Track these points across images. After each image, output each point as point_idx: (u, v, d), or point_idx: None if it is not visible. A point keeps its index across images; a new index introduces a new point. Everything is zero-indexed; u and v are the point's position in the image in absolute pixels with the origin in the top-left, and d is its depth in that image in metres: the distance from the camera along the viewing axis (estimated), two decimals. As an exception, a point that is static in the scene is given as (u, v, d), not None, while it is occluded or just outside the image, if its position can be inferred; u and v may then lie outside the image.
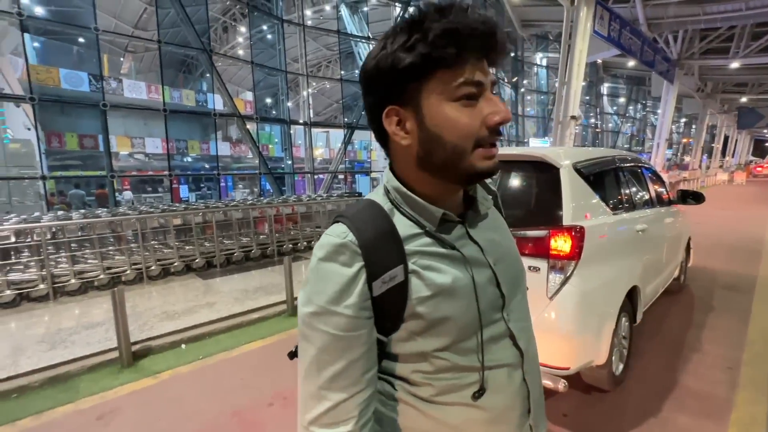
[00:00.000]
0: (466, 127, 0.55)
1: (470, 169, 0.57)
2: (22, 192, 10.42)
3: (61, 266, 4.69)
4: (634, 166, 3.18)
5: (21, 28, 8.48)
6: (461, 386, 0.61)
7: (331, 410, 0.55)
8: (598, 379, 2.32)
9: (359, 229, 0.57)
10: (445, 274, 0.59)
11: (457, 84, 0.54)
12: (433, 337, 0.58)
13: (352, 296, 0.54)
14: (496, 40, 0.54)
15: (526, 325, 0.70)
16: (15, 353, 3.09)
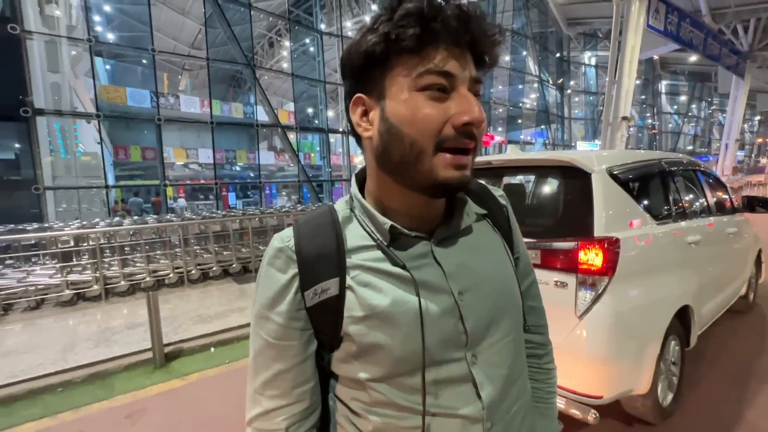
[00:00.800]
0: (427, 119, 0.47)
1: (430, 175, 0.48)
2: (90, 200, 11.51)
3: (112, 269, 5.06)
4: (688, 170, 2.85)
5: (91, 53, 9.46)
6: (397, 428, 0.52)
7: (263, 415, 0.54)
8: (640, 410, 2.05)
9: (300, 236, 0.54)
10: (384, 295, 0.51)
11: (422, 71, 0.47)
12: (367, 364, 0.51)
13: (283, 303, 0.52)
14: (474, 27, 0.47)
15: (506, 373, 0.56)
16: (65, 349, 3.35)
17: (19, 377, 2.86)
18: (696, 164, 3.02)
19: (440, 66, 0.47)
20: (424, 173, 0.48)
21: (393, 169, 0.51)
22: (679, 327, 2.24)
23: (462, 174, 0.49)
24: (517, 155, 2.29)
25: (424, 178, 0.49)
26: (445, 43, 0.47)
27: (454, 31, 0.46)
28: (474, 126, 0.47)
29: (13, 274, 4.81)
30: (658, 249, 2.08)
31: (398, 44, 0.46)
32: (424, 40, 0.46)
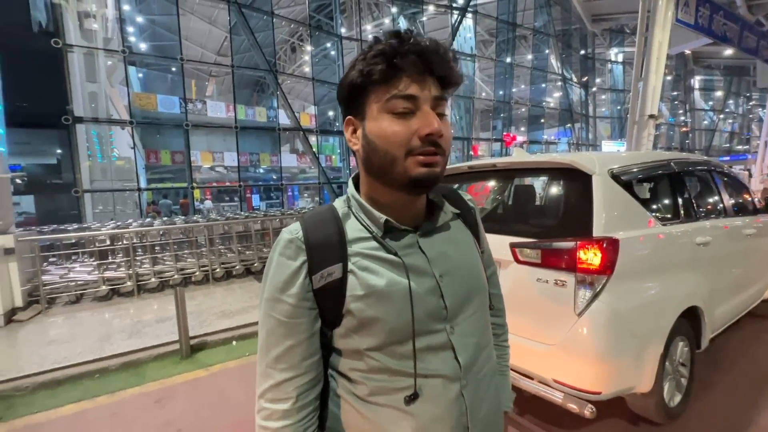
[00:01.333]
0: (395, 135, 0.59)
1: (404, 174, 0.60)
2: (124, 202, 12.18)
3: (144, 266, 5.39)
4: (701, 170, 2.82)
5: (125, 63, 10.03)
6: (393, 389, 0.62)
7: (274, 388, 0.63)
8: (644, 408, 2.07)
9: (308, 229, 0.64)
10: (380, 277, 0.62)
11: (389, 97, 0.59)
12: (365, 336, 0.62)
13: (294, 287, 0.62)
14: (431, 58, 0.59)
15: (476, 341, 0.69)
16: (102, 340, 3.63)
17: (62, 364, 3.14)
18: (713, 164, 2.97)
19: (403, 91, 0.59)
20: (400, 174, 0.60)
21: (376, 173, 0.63)
22: (687, 328, 2.23)
23: (430, 170, 0.60)
24: (521, 157, 2.35)
25: (400, 178, 0.61)
26: (408, 73, 0.59)
27: (413, 63, 0.59)
28: (434, 136, 0.59)
29: (56, 270, 5.21)
30: (661, 250, 2.09)
31: (370, 78, 0.59)
32: (390, 73, 0.59)
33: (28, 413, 2.61)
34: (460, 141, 17.21)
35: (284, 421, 0.62)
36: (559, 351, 1.87)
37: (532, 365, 1.99)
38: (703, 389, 2.46)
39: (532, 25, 18.57)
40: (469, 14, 16.05)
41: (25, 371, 3.02)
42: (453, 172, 2.75)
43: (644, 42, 9.98)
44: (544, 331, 1.94)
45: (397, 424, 0.62)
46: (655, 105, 10.14)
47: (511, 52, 17.97)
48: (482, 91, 20.60)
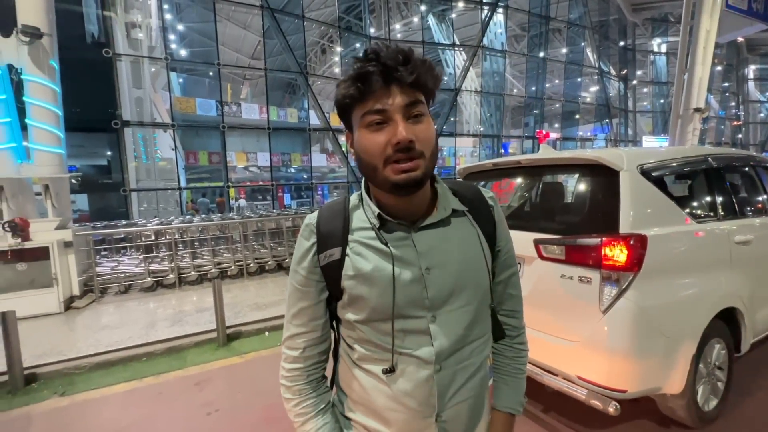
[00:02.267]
0: (372, 148, 0.66)
1: (386, 180, 0.67)
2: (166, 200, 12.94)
3: (185, 260, 5.74)
4: (744, 166, 2.68)
5: (167, 69, 10.65)
6: (374, 359, 0.73)
7: (289, 338, 0.80)
8: (674, 410, 2.02)
9: (320, 216, 0.78)
10: (368, 262, 0.71)
11: (362, 114, 0.67)
12: (354, 311, 0.73)
13: (306, 262, 0.76)
14: (392, 72, 0.64)
15: (461, 333, 0.72)
16: (147, 327, 3.93)
17: (114, 347, 3.43)
18: (757, 160, 2.81)
19: (373, 107, 0.65)
20: (382, 180, 0.68)
21: (368, 178, 0.72)
22: (724, 330, 2.15)
23: (408, 176, 0.65)
24: (546, 154, 2.34)
25: (383, 183, 0.68)
26: (374, 90, 0.65)
27: (376, 80, 0.64)
28: (401, 144, 0.63)
29: (107, 263, 5.66)
30: (695, 248, 2.03)
31: (346, 100, 0.68)
32: (359, 93, 0.66)
33: (86, 389, 2.89)
34: (490, 138, 16.92)
35: (294, 364, 0.79)
36: (583, 348, 1.87)
37: (556, 362, 1.99)
38: (742, 395, 2.35)
39: (566, 17, 17.92)
40: (500, 9, 15.73)
41: (83, 353, 3.34)
42: (478, 169, 2.77)
43: (689, 31, 9.40)
44: (569, 327, 1.94)
45: (376, 389, 0.73)
46: (702, 97, 9.53)
47: (544, 47, 17.43)
48: (513, 88, 20.09)
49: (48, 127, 4.72)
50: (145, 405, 2.66)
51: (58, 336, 3.80)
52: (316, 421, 0.78)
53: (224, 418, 2.45)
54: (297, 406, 0.79)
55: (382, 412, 0.73)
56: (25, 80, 4.59)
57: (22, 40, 4.44)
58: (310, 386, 0.80)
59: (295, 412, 0.79)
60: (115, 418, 2.51)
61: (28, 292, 4.40)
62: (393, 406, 0.72)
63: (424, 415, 0.71)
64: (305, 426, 0.78)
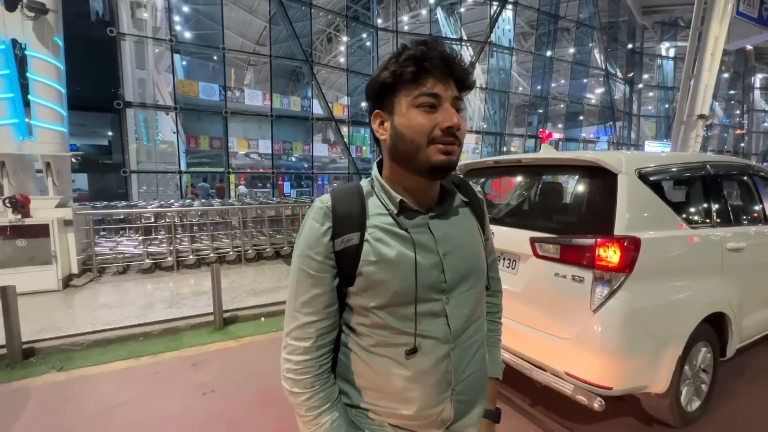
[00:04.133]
0: (421, 126, 0.69)
1: (426, 160, 0.70)
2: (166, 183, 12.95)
3: (183, 244, 5.78)
4: (741, 174, 2.71)
5: (171, 51, 10.57)
6: (392, 344, 0.74)
7: (298, 328, 0.74)
8: (658, 409, 2.08)
9: (335, 200, 0.75)
10: (391, 249, 0.73)
11: (417, 94, 0.70)
12: (373, 296, 0.73)
13: (320, 246, 0.73)
14: (452, 65, 0.70)
15: (468, 313, 0.79)
16: (145, 307, 3.97)
17: (112, 326, 3.48)
18: (754, 168, 2.84)
19: (429, 89, 0.69)
20: (422, 160, 0.70)
21: (402, 159, 0.73)
22: (711, 334, 2.20)
23: (449, 158, 0.70)
24: (547, 154, 2.36)
25: (423, 163, 0.71)
26: (433, 75, 0.69)
27: (438, 67, 0.69)
28: (453, 128, 0.69)
29: (106, 243, 5.69)
30: (687, 252, 2.07)
31: (401, 77, 0.70)
32: (419, 74, 0.69)
33: (83, 365, 2.94)
34: (492, 136, 16.88)
35: (305, 356, 0.75)
36: (573, 345, 1.91)
37: (545, 357, 2.04)
38: (725, 397, 2.41)
39: (576, 16, 17.78)
40: (509, 5, 15.59)
41: (81, 330, 3.38)
42: (479, 166, 2.80)
43: (698, 36, 9.35)
44: (560, 325, 1.98)
45: (392, 372, 0.74)
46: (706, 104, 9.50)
47: (552, 45, 17.32)
48: (519, 86, 20.00)
49: (51, 104, 4.71)
50: (141, 383, 2.71)
51: (56, 312, 3.84)
52: (332, 413, 0.76)
53: (219, 398, 2.50)
54: (309, 399, 0.74)
55: (399, 394, 0.74)
56: (29, 56, 4.56)
57: (27, 15, 4.42)
58: (321, 378, 0.76)
59: (306, 406, 0.75)
60: (112, 394, 2.56)
61: (27, 269, 4.44)
62: (411, 386, 0.74)
63: (440, 391, 0.75)
64: (320, 419, 0.75)
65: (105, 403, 2.46)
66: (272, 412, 2.34)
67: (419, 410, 0.75)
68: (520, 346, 2.15)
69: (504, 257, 2.31)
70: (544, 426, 2.19)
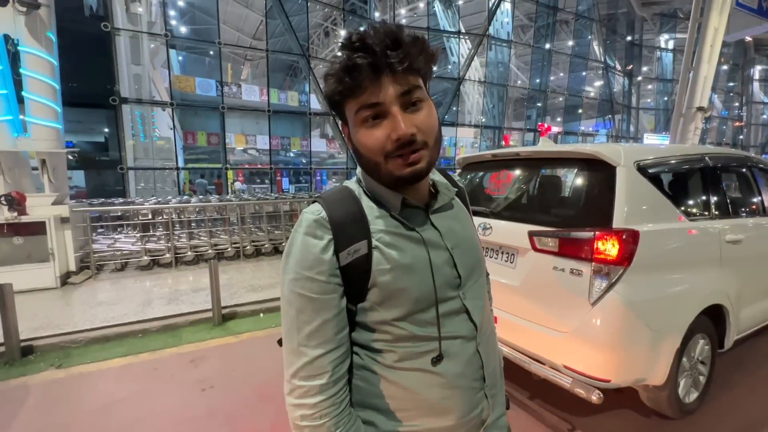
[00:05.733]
0: (370, 144, 0.63)
1: (390, 175, 0.64)
2: (163, 180, 12.88)
3: (181, 240, 5.76)
4: (741, 166, 2.70)
5: (167, 46, 10.46)
6: (419, 354, 0.67)
7: (308, 365, 0.63)
8: (656, 402, 2.08)
9: (330, 208, 0.66)
10: (404, 252, 0.66)
11: (356, 110, 0.62)
12: (391, 307, 0.65)
13: (323, 264, 0.63)
14: (381, 60, 0.58)
15: (481, 303, 0.76)
16: (143, 304, 3.97)
17: (110, 323, 3.47)
18: (753, 161, 2.83)
19: (366, 101, 0.60)
20: (386, 175, 0.65)
21: (369, 173, 0.69)
22: (709, 326, 2.20)
23: (413, 169, 0.63)
24: (545, 147, 2.35)
25: (387, 178, 0.65)
26: (365, 83, 0.59)
27: (366, 74, 0.59)
28: (402, 140, 0.60)
29: (104, 240, 5.67)
30: (685, 245, 2.06)
31: (336, 97, 0.63)
32: (349, 89, 0.60)
33: (82, 363, 2.94)
34: (491, 130, 16.83)
35: (321, 396, 0.63)
36: (571, 338, 1.91)
37: (544, 351, 2.04)
38: (722, 389, 2.42)
39: (574, 9, 17.66)
40: (507, 0, 15.46)
41: (80, 327, 3.38)
42: (477, 159, 2.78)
43: (698, 28, 9.29)
44: (558, 318, 1.98)
45: (425, 384, 0.67)
46: (705, 97, 9.47)
47: (551, 38, 17.21)
48: (517, 79, 19.90)
49: (45, 100, 4.66)
50: (140, 380, 2.71)
51: (54, 310, 3.84)
52: None
53: (218, 394, 2.50)
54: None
55: (436, 406, 0.68)
56: (22, 52, 4.51)
57: (19, 10, 4.35)
58: (343, 416, 0.65)
59: None
60: (111, 391, 2.56)
61: (24, 266, 4.42)
62: (447, 393, 0.68)
63: (476, 389, 0.72)
64: None
65: (104, 400, 2.46)
66: (272, 407, 2.34)
67: (461, 417, 0.69)
68: (519, 340, 2.15)
69: (502, 251, 2.30)
70: (543, 419, 2.20)
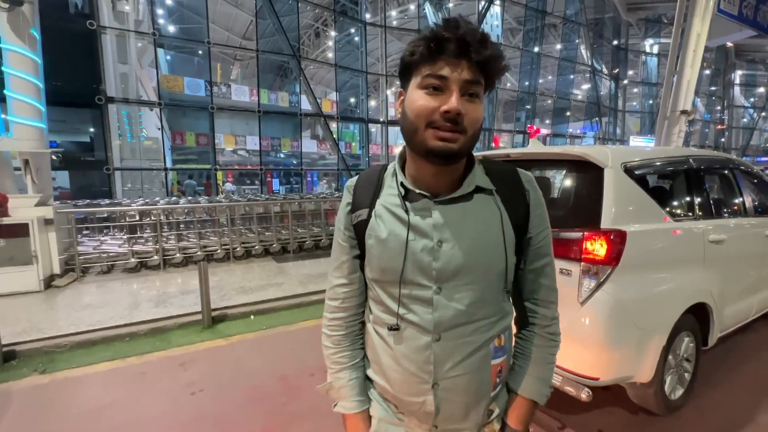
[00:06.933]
0: (420, 108, 0.67)
1: (423, 143, 0.68)
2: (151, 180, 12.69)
3: (170, 242, 5.67)
4: (723, 168, 2.77)
5: (155, 45, 10.32)
6: (382, 321, 0.80)
7: (331, 289, 0.87)
8: (643, 398, 2.12)
9: (358, 180, 0.85)
10: (385, 227, 0.77)
11: (424, 75, 0.67)
12: (370, 270, 0.81)
13: (344, 219, 0.84)
14: (467, 46, 0.64)
15: (463, 309, 0.72)
16: (131, 307, 3.90)
17: (96, 326, 3.40)
18: (736, 163, 2.91)
19: (436, 71, 0.66)
20: (419, 142, 0.69)
21: (406, 140, 0.73)
22: (693, 324, 2.25)
23: (445, 145, 0.66)
24: (535, 149, 2.38)
25: (420, 146, 0.69)
26: (444, 56, 0.65)
27: (449, 47, 0.65)
28: (451, 113, 0.64)
29: (89, 242, 5.56)
30: (671, 245, 2.11)
31: (414, 57, 0.68)
32: (428, 54, 0.66)
33: (67, 368, 2.87)
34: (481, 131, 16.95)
35: (335, 314, 0.87)
36: (562, 338, 1.93)
37: (534, 350, 2.06)
38: (707, 386, 2.48)
39: (562, 13, 17.93)
40: (497, 1, 15.63)
41: (64, 331, 3.30)
42: (468, 161, 2.80)
43: (681, 33, 9.51)
44: (548, 318, 2.00)
45: (383, 348, 0.80)
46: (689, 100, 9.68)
47: (539, 42, 17.45)
48: (507, 82, 20.12)
49: (28, 99, 4.55)
50: (128, 384, 2.66)
51: (38, 314, 3.74)
52: (351, 372, 0.85)
53: (208, 397, 2.47)
54: (335, 354, 0.86)
55: (386, 371, 0.80)
56: (4, 49, 4.41)
57: (2, 6, 4.25)
58: (348, 338, 0.87)
59: (332, 360, 0.86)
60: (97, 396, 2.51)
61: (6, 269, 4.31)
62: (394, 366, 0.78)
63: (421, 380, 0.76)
64: (340, 374, 0.86)
65: (90, 405, 2.41)
66: (263, 410, 2.32)
67: (399, 392, 0.79)
68: (510, 340, 2.17)
69: (493, 252, 2.32)
70: (534, 417, 2.22)
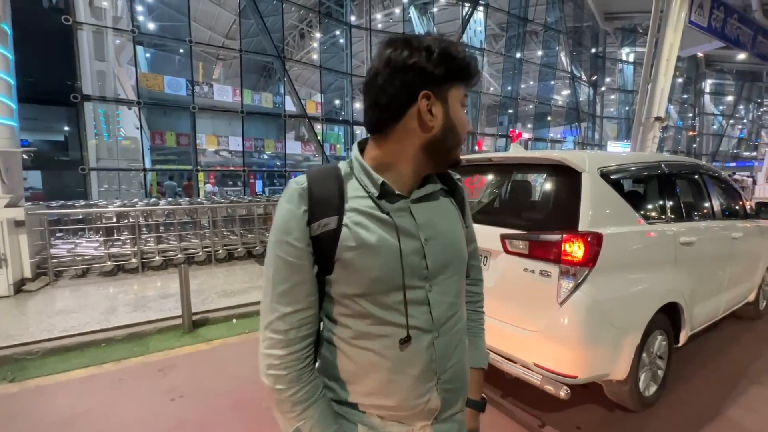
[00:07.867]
0: (465, 126, 0.77)
1: (456, 156, 0.79)
2: (129, 181, 12.31)
3: (149, 245, 5.53)
4: (693, 173, 2.90)
5: (134, 42, 10.06)
6: (376, 336, 0.71)
7: (279, 319, 0.70)
8: (619, 395, 2.20)
9: (311, 182, 0.71)
10: (372, 233, 0.70)
11: (463, 95, 0.76)
12: (351, 284, 0.70)
13: (297, 231, 0.69)
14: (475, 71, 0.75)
15: (450, 301, 0.77)
16: (107, 312, 3.78)
17: (70, 332, 3.29)
18: (704, 168, 3.05)
19: (466, 93, 0.77)
20: (455, 155, 0.79)
21: (440, 151, 0.75)
22: (666, 323, 2.35)
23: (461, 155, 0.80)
24: (516, 153, 2.44)
25: (453, 158, 0.79)
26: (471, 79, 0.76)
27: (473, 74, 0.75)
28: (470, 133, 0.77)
29: (63, 245, 5.36)
30: (644, 247, 2.20)
31: (460, 70, 0.72)
32: (471, 76, 0.75)
33: (38, 375, 2.76)
34: (465, 135, 17.16)
35: (288, 348, 0.70)
36: (540, 337, 1.99)
37: (515, 350, 2.11)
38: (679, 382, 2.58)
39: (543, 20, 18.39)
40: (480, 7, 15.91)
41: (36, 337, 3.17)
42: (451, 164, 2.84)
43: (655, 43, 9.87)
44: (528, 318, 2.05)
45: (375, 364, 0.72)
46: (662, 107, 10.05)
47: (521, 48, 17.84)
48: (490, 86, 20.48)
49: (-1, 96, 4.38)
50: (104, 391, 2.58)
51: (7, 320, 3.59)
52: (318, 407, 0.73)
53: (189, 403, 2.42)
54: (294, 394, 0.71)
55: (382, 387, 0.73)
56: (-27, 44, 4.23)
57: (-30, -1, 4.08)
58: (306, 371, 0.72)
59: (292, 401, 0.71)
60: (71, 404, 2.42)
61: (-27, 273, 4.12)
62: (394, 377, 0.72)
63: (425, 380, 0.74)
64: (306, 413, 0.71)
65: (63, 414, 2.33)
66: (245, 415, 2.29)
67: (403, 401, 0.73)
68: (492, 340, 2.18)
69: (476, 254, 2.36)
70: (515, 416, 2.27)
